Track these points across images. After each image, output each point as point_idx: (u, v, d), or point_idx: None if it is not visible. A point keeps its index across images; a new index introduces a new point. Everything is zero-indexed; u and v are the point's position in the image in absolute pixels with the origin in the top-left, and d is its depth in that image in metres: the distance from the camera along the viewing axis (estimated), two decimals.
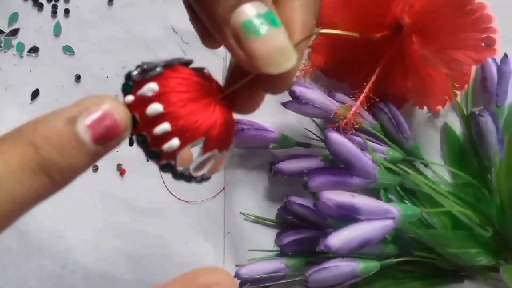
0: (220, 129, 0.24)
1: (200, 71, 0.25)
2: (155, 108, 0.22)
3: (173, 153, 0.23)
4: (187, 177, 0.24)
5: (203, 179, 0.25)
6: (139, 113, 0.22)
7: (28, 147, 0.20)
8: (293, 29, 0.23)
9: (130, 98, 0.23)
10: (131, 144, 0.49)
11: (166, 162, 0.23)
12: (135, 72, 0.23)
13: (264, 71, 0.22)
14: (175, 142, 0.22)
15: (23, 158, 0.20)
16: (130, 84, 0.23)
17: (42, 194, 0.21)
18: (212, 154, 0.24)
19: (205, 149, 0.24)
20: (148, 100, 0.22)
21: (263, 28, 0.22)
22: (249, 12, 0.22)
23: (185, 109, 0.23)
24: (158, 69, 0.23)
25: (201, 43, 0.29)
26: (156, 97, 0.22)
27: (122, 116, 0.22)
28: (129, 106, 0.23)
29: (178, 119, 0.22)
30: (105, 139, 0.21)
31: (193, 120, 0.23)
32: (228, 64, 0.26)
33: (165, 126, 0.22)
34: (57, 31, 0.50)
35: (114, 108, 0.22)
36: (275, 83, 0.24)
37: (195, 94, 0.23)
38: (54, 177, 0.21)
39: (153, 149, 0.23)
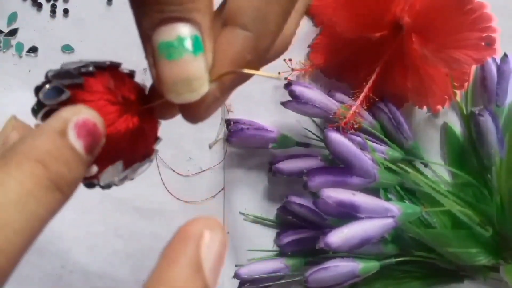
0: (139, 146, 0.23)
1: (116, 72, 0.23)
2: None
3: (93, 176, 0.22)
4: (114, 185, 0.24)
5: (129, 180, 0.25)
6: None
7: (36, 164, 0.19)
8: (220, 61, 0.21)
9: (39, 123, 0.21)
10: None
11: (89, 182, 0.22)
12: (42, 95, 0.21)
13: (166, 97, 0.21)
14: (93, 169, 0.22)
15: (35, 176, 0.19)
16: (39, 107, 0.21)
17: (57, 209, 0.20)
18: (134, 167, 0.23)
19: (125, 166, 0.23)
20: None
21: (176, 53, 0.20)
22: (169, 33, 0.20)
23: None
24: (67, 94, 0.21)
25: None
26: None
27: (99, 122, 0.21)
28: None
29: None
30: (92, 146, 0.21)
31: (109, 149, 0.21)
32: None
33: None
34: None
35: (91, 115, 0.21)
36: (183, 110, 0.22)
37: (112, 119, 0.22)
38: (65, 191, 0.20)
39: None
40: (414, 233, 0.42)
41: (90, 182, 0.23)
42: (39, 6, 0.50)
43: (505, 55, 0.45)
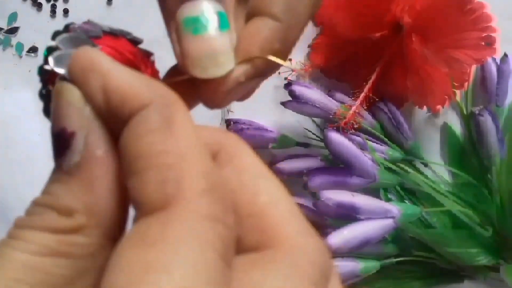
0: None
1: (144, 53, 0.22)
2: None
3: None
4: None
5: None
6: (53, 85, 0.19)
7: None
8: (248, 46, 0.22)
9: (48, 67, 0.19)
10: None
11: None
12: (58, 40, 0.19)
13: (191, 73, 0.21)
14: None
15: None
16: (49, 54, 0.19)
17: None
18: None
19: None
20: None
21: (202, 28, 0.20)
22: (194, 8, 0.21)
23: None
24: (97, 32, 0.20)
25: None
26: None
27: None
28: (48, 73, 0.19)
29: None
30: None
31: None
32: None
33: None
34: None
35: None
36: (205, 90, 0.22)
37: None
38: None
39: None
40: (414, 233, 0.42)
41: None
42: (39, 6, 0.50)
43: (505, 55, 0.45)
